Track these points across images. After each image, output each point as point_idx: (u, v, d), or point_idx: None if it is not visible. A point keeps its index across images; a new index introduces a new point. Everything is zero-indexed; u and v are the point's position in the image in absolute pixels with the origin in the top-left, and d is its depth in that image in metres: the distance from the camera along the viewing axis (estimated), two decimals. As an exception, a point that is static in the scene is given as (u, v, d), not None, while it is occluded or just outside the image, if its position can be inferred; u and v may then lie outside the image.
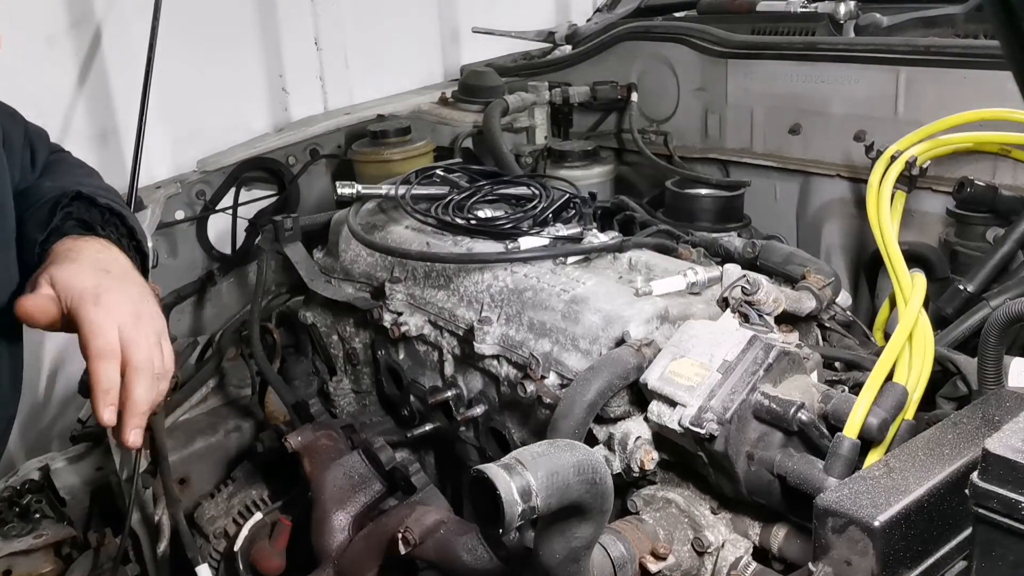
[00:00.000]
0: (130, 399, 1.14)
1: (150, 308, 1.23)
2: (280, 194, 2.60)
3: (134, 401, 1.14)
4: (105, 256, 1.26)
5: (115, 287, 1.19)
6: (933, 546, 1.01)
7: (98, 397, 1.12)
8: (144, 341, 1.17)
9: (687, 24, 2.51)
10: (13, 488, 2.01)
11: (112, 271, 1.23)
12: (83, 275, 1.18)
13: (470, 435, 1.80)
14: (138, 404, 1.14)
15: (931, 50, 1.95)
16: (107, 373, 1.13)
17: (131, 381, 1.14)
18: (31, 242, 1.30)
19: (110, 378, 1.13)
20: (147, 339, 1.18)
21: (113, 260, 1.27)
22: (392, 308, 1.85)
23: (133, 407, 1.14)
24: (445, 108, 2.69)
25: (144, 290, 1.26)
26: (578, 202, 1.85)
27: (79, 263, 1.21)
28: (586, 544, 1.12)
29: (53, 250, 1.26)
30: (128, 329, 1.16)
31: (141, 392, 1.15)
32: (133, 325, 1.17)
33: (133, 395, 1.14)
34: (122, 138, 2.54)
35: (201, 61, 2.67)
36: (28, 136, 1.49)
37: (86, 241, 1.28)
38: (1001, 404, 1.16)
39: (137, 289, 1.25)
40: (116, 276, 1.23)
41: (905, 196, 1.78)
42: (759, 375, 1.28)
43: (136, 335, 1.17)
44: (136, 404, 1.14)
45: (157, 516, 1.98)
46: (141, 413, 1.15)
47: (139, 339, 1.17)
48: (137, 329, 1.17)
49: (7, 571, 1.87)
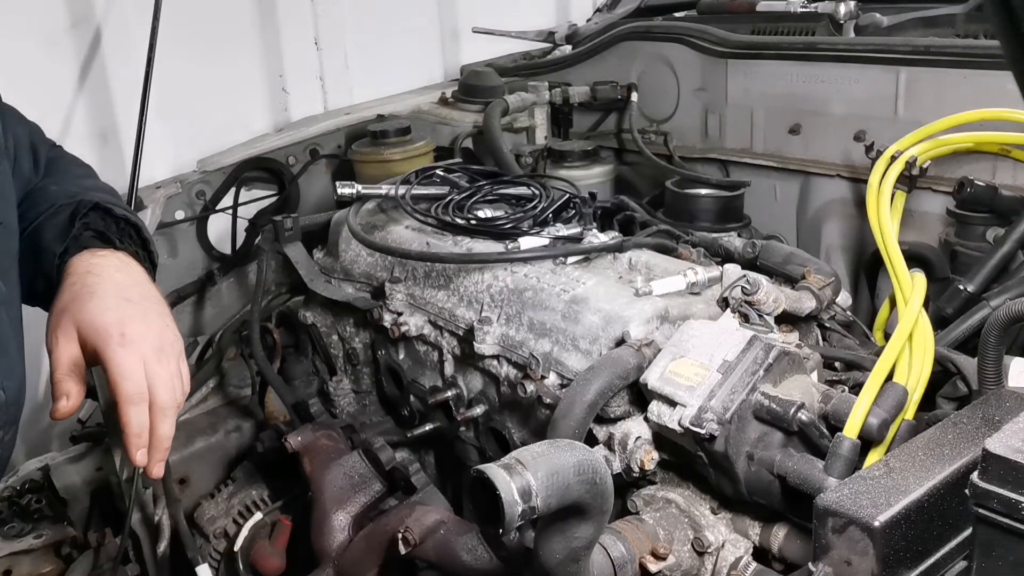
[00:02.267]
0: (155, 437, 1.21)
1: (171, 333, 1.27)
2: (280, 194, 2.60)
3: (159, 438, 1.21)
4: (124, 277, 1.28)
5: (137, 317, 1.22)
6: (933, 546, 1.01)
7: (131, 442, 1.19)
8: (168, 377, 1.22)
9: (687, 24, 2.51)
10: (13, 488, 2.02)
11: (132, 298, 1.25)
12: (106, 312, 1.20)
13: (470, 435, 1.80)
14: (163, 441, 1.21)
15: (931, 50, 1.95)
16: (138, 418, 1.19)
17: (156, 421, 1.21)
18: (50, 253, 1.31)
19: (141, 423, 1.19)
20: (170, 373, 1.23)
21: (133, 282, 1.28)
22: (392, 308, 1.85)
23: (158, 444, 1.21)
24: (445, 108, 2.69)
25: (163, 309, 1.29)
26: (578, 202, 1.85)
27: (99, 296, 1.22)
28: (586, 544, 1.12)
29: (71, 266, 1.27)
30: (152, 365, 1.21)
31: (165, 430, 1.21)
32: (156, 359, 1.21)
33: (158, 434, 1.21)
34: (122, 138, 2.54)
35: (201, 61, 2.67)
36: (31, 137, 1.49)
37: (104, 257, 1.29)
38: (1001, 404, 1.16)
39: (157, 311, 1.27)
40: (137, 303, 1.24)
41: (905, 196, 1.78)
42: (759, 375, 1.28)
43: (160, 370, 1.21)
44: (161, 441, 1.21)
45: (157, 516, 1.98)
46: (165, 448, 1.22)
47: (163, 375, 1.21)
48: (160, 363, 1.22)
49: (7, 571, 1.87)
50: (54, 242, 1.31)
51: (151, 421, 1.20)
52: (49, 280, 1.28)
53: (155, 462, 1.21)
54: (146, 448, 1.20)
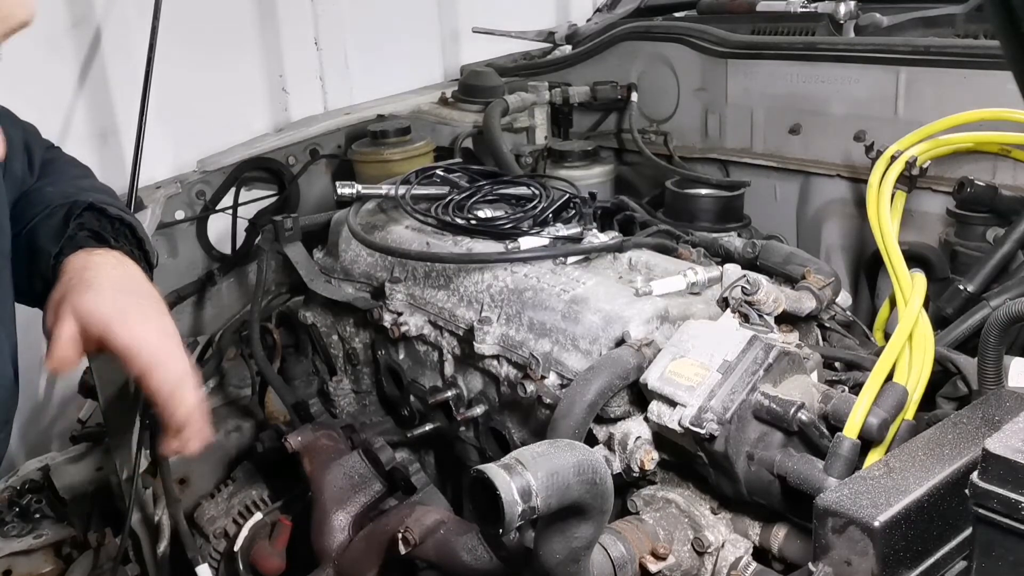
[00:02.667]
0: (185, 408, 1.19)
1: (170, 324, 1.27)
2: (280, 194, 2.60)
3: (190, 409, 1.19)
4: (120, 274, 1.27)
5: (135, 308, 1.22)
6: (933, 546, 1.01)
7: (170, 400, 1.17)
8: (178, 349, 1.22)
9: (687, 24, 2.51)
10: (13, 488, 2.01)
11: (130, 293, 1.25)
12: (104, 300, 1.20)
13: (470, 435, 1.80)
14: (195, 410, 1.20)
15: (931, 50, 1.95)
16: (167, 375, 1.18)
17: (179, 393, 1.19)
18: (45, 254, 1.30)
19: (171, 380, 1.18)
20: (179, 346, 1.23)
21: (129, 278, 1.28)
22: (392, 308, 1.85)
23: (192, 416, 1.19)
24: (445, 108, 2.69)
25: (161, 306, 1.29)
26: (578, 202, 1.85)
27: (97, 287, 1.22)
28: (586, 544, 1.12)
29: (68, 264, 1.27)
30: (161, 338, 1.21)
31: (191, 398, 1.20)
32: (163, 335, 1.22)
33: (188, 403, 1.19)
34: (122, 138, 2.54)
35: (201, 61, 2.67)
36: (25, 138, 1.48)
37: (100, 256, 1.29)
38: (1001, 404, 1.16)
39: (155, 307, 1.27)
40: (134, 299, 1.24)
41: (905, 196, 1.78)
42: (759, 375, 1.28)
43: (170, 343, 1.21)
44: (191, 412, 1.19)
45: (157, 516, 1.98)
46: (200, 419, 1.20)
47: (173, 348, 1.21)
48: (169, 339, 1.22)
49: (7, 571, 1.87)
50: (49, 243, 1.31)
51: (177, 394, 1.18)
52: (46, 281, 1.28)
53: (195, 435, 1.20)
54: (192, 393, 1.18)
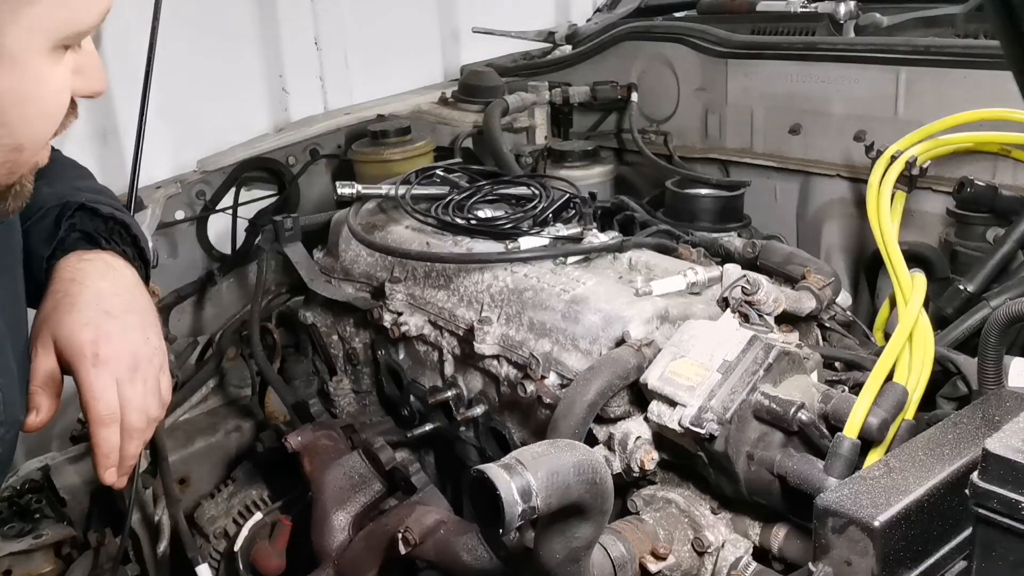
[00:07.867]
0: (122, 456, 1.24)
1: (149, 347, 1.26)
2: (280, 194, 2.60)
3: (124, 457, 1.25)
4: (109, 284, 1.27)
5: (115, 333, 1.22)
6: (933, 546, 1.01)
7: (100, 461, 1.22)
8: (139, 398, 1.23)
9: (687, 24, 2.51)
10: (13, 488, 2.01)
11: (113, 310, 1.24)
12: (83, 328, 1.20)
13: (470, 435, 1.80)
14: (128, 460, 1.25)
15: (931, 50, 1.95)
16: (108, 439, 1.21)
17: (123, 443, 1.23)
18: (38, 257, 1.30)
19: (111, 443, 1.22)
20: (142, 394, 1.24)
21: (116, 290, 1.27)
22: (392, 308, 1.85)
23: (124, 462, 1.25)
24: (445, 108, 2.69)
25: (147, 319, 1.28)
26: (578, 202, 1.85)
27: (79, 308, 1.22)
28: (586, 544, 1.12)
29: (58, 271, 1.27)
30: (124, 386, 1.22)
31: (132, 450, 1.25)
32: (130, 380, 1.22)
33: (124, 454, 1.24)
34: (122, 138, 2.54)
35: (201, 61, 2.67)
36: None
37: (90, 262, 1.28)
38: (1001, 404, 1.16)
39: (139, 324, 1.26)
40: (118, 316, 1.24)
41: (905, 196, 1.78)
42: (759, 375, 1.28)
43: (132, 392, 1.22)
44: (126, 460, 1.25)
45: (157, 516, 1.98)
46: (129, 466, 1.26)
47: (135, 397, 1.23)
48: (133, 384, 1.23)
49: (7, 571, 1.87)
50: (41, 245, 1.30)
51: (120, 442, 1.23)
52: (39, 284, 1.28)
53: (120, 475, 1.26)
54: (115, 468, 1.23)
